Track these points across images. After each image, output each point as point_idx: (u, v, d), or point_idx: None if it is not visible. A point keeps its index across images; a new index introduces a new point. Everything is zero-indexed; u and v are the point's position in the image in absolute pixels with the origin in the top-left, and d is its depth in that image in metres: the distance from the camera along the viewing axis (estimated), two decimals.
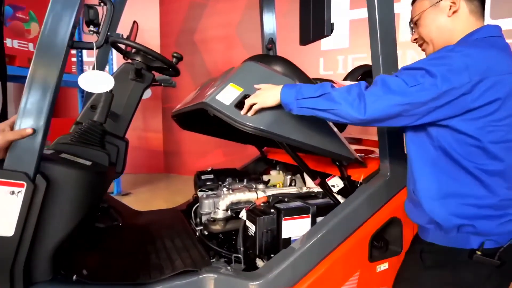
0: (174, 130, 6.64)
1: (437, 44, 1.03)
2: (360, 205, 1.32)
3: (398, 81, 0.89)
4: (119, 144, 1.40)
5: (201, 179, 2.02)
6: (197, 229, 1.61)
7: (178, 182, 6.06)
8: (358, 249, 1.32)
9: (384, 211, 1.37)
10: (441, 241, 0.99)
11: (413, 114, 0.90)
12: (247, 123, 1.14)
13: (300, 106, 1.04)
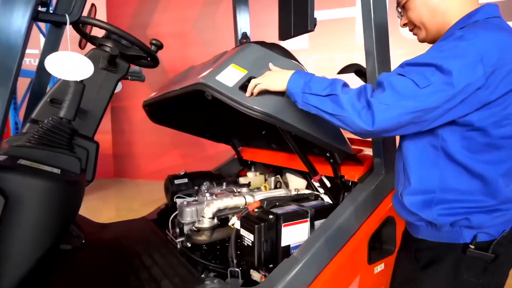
0: (124, 132, 6.16)
1: (430, 28, 0.93)
2: (359, 206, 1.27)
3: (406, 82, 0.78)
4: (89, 147, 1.15)
5: (174, 184, 1.83)
6: (177, 241, 1.44)
7: (131, 187, 5.61)
8: (358, 252, 1.27)
9: (381, 210, 1.34)
10: (433, 237, 0.93)
11: (424, 120, 0.80)
12: (254, 107, 1.02)
13: (306, 101, 0.94)
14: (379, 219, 1.32)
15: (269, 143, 1.84)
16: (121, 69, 1.25)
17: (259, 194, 1.48)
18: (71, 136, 0.94)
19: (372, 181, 1.34)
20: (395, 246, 1.42)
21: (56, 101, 1.08)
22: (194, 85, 1.08)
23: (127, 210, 4.36)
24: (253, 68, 1.10)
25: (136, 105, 6.12)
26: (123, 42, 1.24)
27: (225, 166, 2.25)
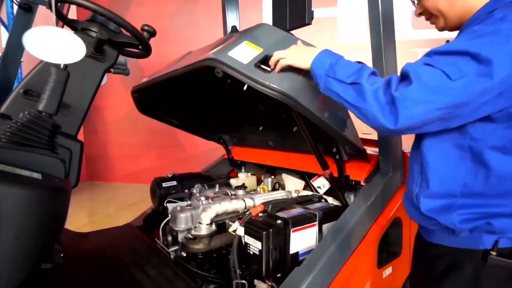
0: (98, 132, 5.82)
1: (449, 15, 0.84)
2: (368, 208, 1.20)
3: (436, 74, 0.68)
4: (72, 147, 0.99)
5: (162, 187, 1.68)
6: (170, 250, 1.30)
7: (106, 191, 5.31)
8: (368, 256, 1.20)
9: (389, 211, 1.28)
10: (450, 242, 0.85)
11: (455, 117, 0.71)
12: (272, 85, 0.92)
13: (328, 86, 0.84)
14: (388, 221, 1.26)
15: (265, 140, 1.75)
16: (109, 58, 1.09)
17: (259, 197, 1.37)
18: (52, 133, 0.78)
19: (379, 181, 1.28)
20: (401, 248, 1.37)
21: (31, 93, 0.91)
22: (203, 61, 0.97)
23: (102, 215, 4.09)
24: (269, 47, 1.00)
25: (110, 104, 5.80)
26: (110, 27, 1.08)
27: (215, 167, 2.12)
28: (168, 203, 1.47)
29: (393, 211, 1.28)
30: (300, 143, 1.55)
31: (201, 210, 1.33)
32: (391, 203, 1.30)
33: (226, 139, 2.03)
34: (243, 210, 1.37)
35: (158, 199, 1.66)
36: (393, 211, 1.29)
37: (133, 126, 5.71)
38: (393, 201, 1.31)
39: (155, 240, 1.45)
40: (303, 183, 1.71)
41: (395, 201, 1.31)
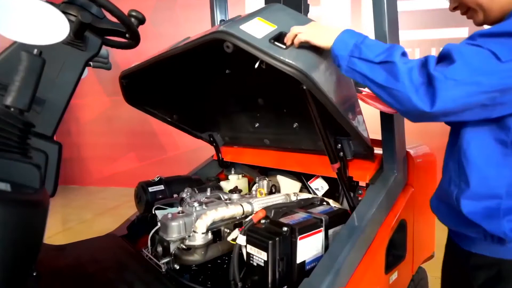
0: (71, 133, 5.50)
1: (489, 8, 0.76)
2: (376, 211, 1.13)
3: (483, 54, 0.63)
4: (48, 149, 0.83)
5: (148, 192, 1.54)
6: (161, 263, 1.17)
7: (81, 195, 5.01)
8: (377, 262, 1.14)
9: (394, 214, 1.22)
10: (493, 252, 0.79)
11: (499, 103, 0.65)
12: (289, 61, 0.84)
13: (352, 66, 0.77)
14: (394, 223, 1.20)
15: (260, 138, 1.65)
16: (92, 46, 0.94)
17: (257, 202, 1.27)
18: (24, 134, 0.64)
19: (384, 182, 1.22)
20: (406, 251, 1.32)
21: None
22: (213, 34, 0.88)
23: (77, 222, 3.84)
24: (283, 25, 0.92)
25: (84, 103, 5.49)
26: (92, 11, 0.94)
27: (204, 169, 2.00)
28: (156, 209, 1.34)
29: (398, 213, 1.23)
30: (300, 140, 1.47)
31: (195, 217, 1.21)
32: (396, 204, 1.24)
33: (217, 138, 1.91)
34: (241, 216, 1.26)
35: (144, 205, 1.52)
36: (399, 213, 1.23)
37: (109, 126, 5.44)
38: (398, 203, 1.25)
39: (142, 250, 1.32)
40: (299, 185, 1.63)
41: (400, 202, 1.26)
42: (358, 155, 1.29)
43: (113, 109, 5.39)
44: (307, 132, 1.42)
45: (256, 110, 1.54)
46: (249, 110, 1.57)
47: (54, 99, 0.87)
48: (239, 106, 1.60)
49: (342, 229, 1.07)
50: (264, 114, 1.54)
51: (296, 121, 1.41)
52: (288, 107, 1.40)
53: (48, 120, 0.87)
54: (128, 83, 1.41)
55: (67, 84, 0.89)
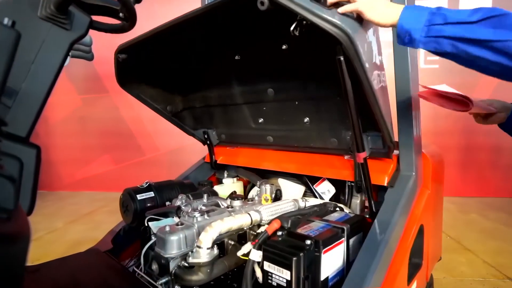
0: (39, 135, 5.09)
1: None
2: (398, 217, 1.04)
3: None
4: (24, 155, 0.64)
5: (136, 200, 1.37)
6: (158, 284, 1.01)
7: (51, 201, 4.63)
8: (401, 273, 1.04)
9: (415, 219, 1.13)
10: None
11: None
12: (335, 20, 0.73)
13: (435, 34, 0.71)
14: (415, 229, 1.11)
15: (263, 135, 1.52)
16: (78, 25, 0.74)
17: (266, 210, 1.14)
18: None
19: (404, 185, 1.13)
20: (422, 258, 1.24)
21: None
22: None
23: (47, 231, 3.52)
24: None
25: (53, 102, 5.09)
26: None
27: (194, 173, 1.84)
28: (150, 221, 1.17)
29: (419, 217, 1.14)
30: (308, 137, 1.36)
31: (197, 229, 1.06)
32: (415, 209, 1.16)
33: (212, 135, 1.76)
34: (249, 227, 1.13)
35: (132, 215, 1.34)
36: (419, 218, 1.14)
37: (80, 127, 5.08)
38: (417, 207, 1.17)
39: (134, 269, 1.15)
40: (303, 189, 1.51)
41: (418, 206, 1.17)
42: (374, 154, 1.19)
43: (85, 108, 5.04)
44: (318, 128, 1.32)
45: (264, 103, 1.41)
46: (255, 102, 1.45)
47: (30, 90, 0.67)
48: (245, 97, 1.47)
49: (366, 241, 0.96)
50: (272, 107, 1.42)
51: (308, 115, 1.31)
52: (302, 98, 1.29)
53: (22, 117, 0.67)
54: (124, 61, 1.26)
55: (47, 71, 0.69)
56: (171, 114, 1.64)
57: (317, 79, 1.19)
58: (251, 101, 1.46)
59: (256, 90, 1.39)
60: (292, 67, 1.22)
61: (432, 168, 1.27)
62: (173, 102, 1.62)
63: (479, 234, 3.28)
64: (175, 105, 1.63)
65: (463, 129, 4.50)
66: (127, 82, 1.43)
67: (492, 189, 4.55)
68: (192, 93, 1.59)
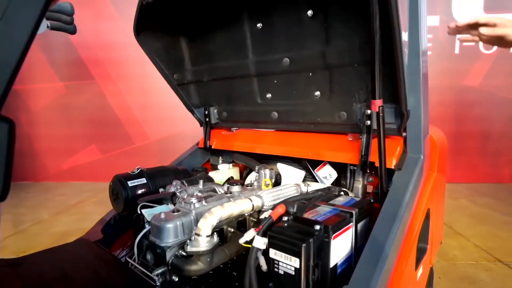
0: (21, 123, 4.87)
1: None
2: (408, 202, 0.99)
3: None
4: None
5: (128, 187, 1.28)
6: (154, 275, 0.94)
7: (36, 192, 4.47)
8: (410, 259, 1.00)
9: (422, 203, 1.09)
10: None
11: None
12: None
13: None
14: (423, 214, 1.07)
15: (267, 111, 1.48)
16: None
17: (267, 195, 1.07)
18: None
19: (412, 168, 1.08)
20: (427, 243, 1.20)
21: None
22: None
23: (32, 223, 3.39)
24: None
25: (34, 90, 4.87)
26: None
27: (188, 159, 1.75)
28: (143, 209, 1.09)
29: (426, 201, 1.10)
30: (316, 112, 1.32)
31: (195, 216, 0.99)
32: (422, 193, 1.11)
33: (212, 114, 1.69)
34: (249, 213, 1.06)
35: (123, 203, 1.26)
36: (426, 201, 1.10)
37: (65, 115, 4.89)
38: (424, 191, 1.13)
39: (126, 259, 1.07)
40: (303, 174, 1.45)
41: (425, 190, 1.13)
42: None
43: (69, 96, 4.84)
44: (328, 101, 1.28)
45: (276, 75, 1.37)
46: (267, 74, 1.40)
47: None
48: (258, 68, 1.41)
49: (376, 227, 0.91)
50: (282, 80, 1.37)
51: (320, 88, 1.28)
52: (318, 68, 1.25)
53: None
54: (148, 5, 1.23)
55: (19, 31, 0.59)
56: (177, 83, 1.61)
57: (339, 45, 1.16)
58: (263, 73, 1.41)
59: (271, 60, 1.35)
60: (314, 34, 1.20)
61: (439, 151, 1.22)
62: (182, 70, 1.59)
63: (469, 219, 3.33)
64: (183, 75, 1.60)
65: (453, 117, 4.53)
66: (143, 34, 1.40)
67: (480, 175, 4.62)
68: (203, 64, 1.54)
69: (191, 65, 1.59)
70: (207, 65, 1.55)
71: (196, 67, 1.58)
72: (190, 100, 1.69)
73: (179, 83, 1.62)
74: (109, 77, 4.75)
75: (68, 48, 4.71)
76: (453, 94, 4.45)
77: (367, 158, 1.13)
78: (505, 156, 4.57)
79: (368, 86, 1.14)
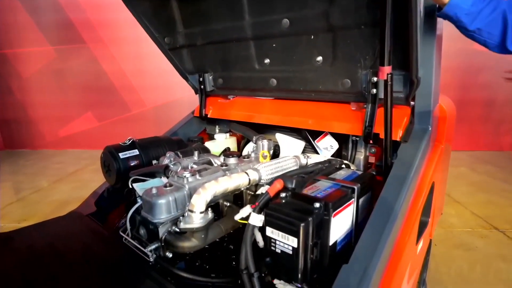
0: (12, 90, 4.74)
1: None
2: (412, 176, 0.93)
3: None
4: None
5: (119, 159, 1.22)
6: (147, 250, 0.91)
7: (34, 160, 4.45)
8: (412, 233, 0.96)
9: (427, 177, 1.04)
10: None
11: None
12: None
13: None
14: (428, 189, 1.02)
15: (266, 78, 1.37)
16: None
17: (264, 168, 1.02)
18: None
19: (418, 140, 1.01)
20: (429, 216, 1.17)
21: None
22: None
23: (31, 190, 3.40)
24: None
25: (23, 54, 4.67)
26: None
27: (183, 129, 1.68)
28: (135, 183, 1.04)
29: (431, 174, 1.05)
30: (318, 79, 1.22)
31: (188, 191, 0.94)
32: (428, 166, 1.06)
33: (207, 81, 1.59)
34: (246, 186, 1.01)
35: (115, 175, 1.21)
36: (431, 174, 1.05)
37: (58, 82, 4.74)
38: (430, 164, 1.07)
39: (120, 234, 1.04)
40: (303, 145, 1.39)
41: (430, 163, 1.07)
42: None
43: (60, 61, 4.66)
44: (330, 67, 1.18)
45: (274, 38, 1.25)
46: (265, 37, 1.28)
47: None
48: (255, 30, 1.29)
49: (379, 204, 0.86)
50: (281, 44, 1.26)
51: (322, 53, 1.16)
52: (320, 31, 1.13)
53: None
54: None
55: None
56: (169, 47, 1.50)
57: (344, 4, 1.04)
58: (261, 36, 1.29)
59: (269, 21, 1.22)
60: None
61: (448, 121, 1.15)
62: (174, 33, 1.47)
63: (468, 187, 3.33)
64: (175, 38, 1.49)
65: (458, 84, 4.38)
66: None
67: (482, 143, 4.58)
68: (196, 26, 1.42)
69: (183, 28, 1.46)
70: (200, 27, 1.42)
71: (189, 29, 1.46)
72: (183, 66, 1.59)
73: (171, 47, 1.51)
74: (101, 41, 4.54)
75: (56, 9, 4.45)
76: (461, 59, 4.27)
77: (372, 129, 1.06)
78: (507, 124, 4.50)
79: (375, 51, 1.04)
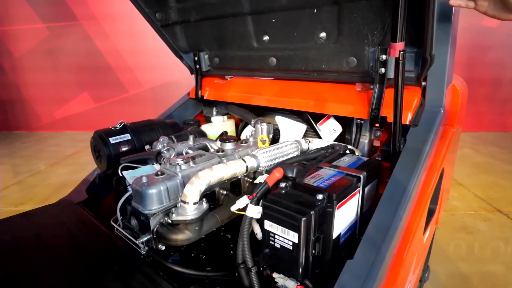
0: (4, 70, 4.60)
1: None
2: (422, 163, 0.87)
3: None
4: None
5: (109, 144, 1.16)
6: (139, 242, 0.86)
7: (30, 143, 4.39)
8: (420, 223, 0.91)
9: (437, 164, 0.97)
10: None
11: None
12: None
13: None
14: (437, 176, 0.96)
15: (265, 56, 1.28)
16: None
17: (263, 154, 0.95)
18: None
19: (429, 124, 0.94)
20: (437, 204, 1.11)
21: None
22: None
23: (29, 174, 3.35)
24: None
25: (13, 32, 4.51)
26: None
27: (178, 111, 1.60)
28: (124, 171, 0.98)
29: (441, 160, 0.98)
30: (321, 58, 1.13)
31: (181, 180, 0.88)
32: (438, 152, 0.99)
33: (203, 60, 1.50)
34: (244, 174, 0.95)
35: (106, 161, 1.15)
36: (442, 160, 0.98)
37: (52, 61, 4.59)
38: (440, 150, 1.00)
39: (111, 223, 0.99)
40: (305, 128, 1.32)
41: (441, 148, 1.00)
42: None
43: (53, 39, 4.50)
44: (335, 45, 1.08)
45: (274, 12, 1.15)
46: (264, 12, 1.18)
47: None
48: (253, 3, 1.19)
49: (386, 193, 0.80)
50: (281, 19, 1.16)
51: (326, 29, 1.06)
52: (324, 4, 1.03)
53: None
54: None
55: None
56: (161, 24, 1.40)
57: None
58: (259, 10, 1.18)
59: None
60: None
61: (461, 102, 1.07)
62: (166, 8, 1.37)
63: (471, 169, 3.28)
64: (167, 14, 1.38)
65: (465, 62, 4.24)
66: None
67: (486, 123, 4.49)
68: (190, 0, 1.30)
69: (175, 1, 1.35)
70: (194, 1, 1.31)
71: (182, 3, 1.35)
72: (177, 44, 1.48)
73: (163, 23, 1.40)
74: (94, 18, 4.36)
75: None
76: (469, 35, 4.10)
77: (379, 112, 0.98)
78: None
79: (385, 25, 0.94)
